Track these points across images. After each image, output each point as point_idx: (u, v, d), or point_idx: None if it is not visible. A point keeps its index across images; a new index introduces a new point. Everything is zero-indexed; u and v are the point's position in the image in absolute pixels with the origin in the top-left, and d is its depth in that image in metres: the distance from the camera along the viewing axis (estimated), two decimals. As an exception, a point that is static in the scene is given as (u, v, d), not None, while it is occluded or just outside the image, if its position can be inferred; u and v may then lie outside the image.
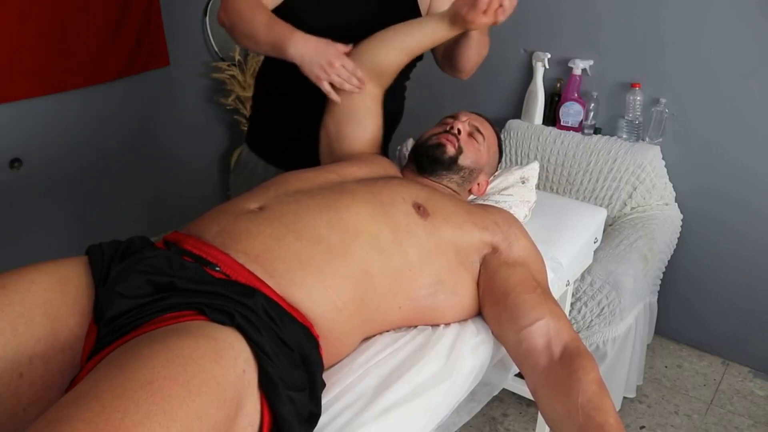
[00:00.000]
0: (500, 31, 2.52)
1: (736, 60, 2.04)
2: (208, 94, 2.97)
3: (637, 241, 2.01)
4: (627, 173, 2.17)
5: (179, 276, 0.89)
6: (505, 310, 1.08)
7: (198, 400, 0.69)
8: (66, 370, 0.86)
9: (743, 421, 2.05)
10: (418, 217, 1.12)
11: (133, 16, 2.49)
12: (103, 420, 0.63)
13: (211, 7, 2.86)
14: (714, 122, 2.13)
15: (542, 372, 1.00)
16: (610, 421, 0.90)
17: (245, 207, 1.06)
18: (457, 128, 1.33)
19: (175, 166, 2.91)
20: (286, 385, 0.82)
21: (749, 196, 2.13)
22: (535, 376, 1.01)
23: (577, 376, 0.95)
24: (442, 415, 1.04)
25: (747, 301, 2.23)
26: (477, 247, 1.17)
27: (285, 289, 0.94)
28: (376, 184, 1.17)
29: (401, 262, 1.07)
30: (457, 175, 1.33)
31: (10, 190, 2.30)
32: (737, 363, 2.31)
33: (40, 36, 2.21)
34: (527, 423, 2.03)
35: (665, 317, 2.33)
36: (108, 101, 2.54)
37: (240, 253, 0.95)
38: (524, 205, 1.45)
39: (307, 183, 1.16)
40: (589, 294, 1.86)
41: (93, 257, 0.95)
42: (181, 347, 0.73)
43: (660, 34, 2.15)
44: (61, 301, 0.88)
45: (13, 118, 2.25)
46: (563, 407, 0.94)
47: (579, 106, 2.29)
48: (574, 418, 0.92)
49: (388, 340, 1.07)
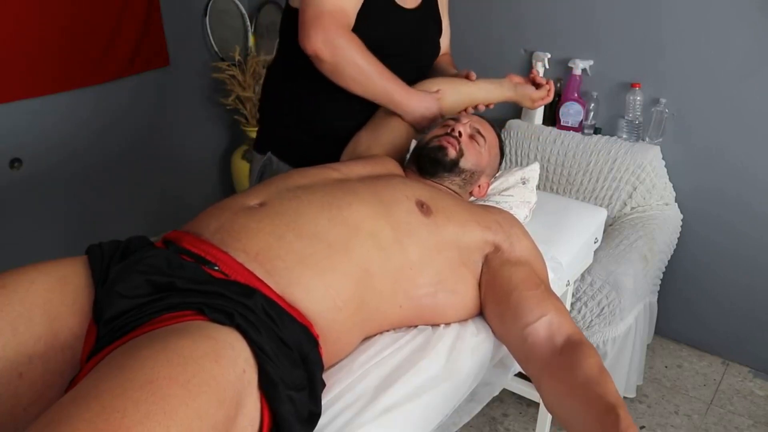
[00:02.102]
0: (500, 31, 2.53)
1: (736, 60, 2.04)
2: (208, 94, 2.97)
3: (637, 241, 2.01)
4: (627, 173, 2.17)
5: (178, 276, 0.89)
6: (508, 308, 1.08)
7: (198, 399, 0.69)
8: (66, 370, 0.86)
9: (743, 421, 2.05)
10: (421, 215, 1.12)
11: (133, 16, 2.49)
12: (103, 420, 0.63)
13: (211, 7, 2.86)
14: (714, 122, 2.13)
15: (545, 362, 1.00)
16: (610, 391, 0.89)
17: (245, 203, 1.05)
18: (458, 131, 1.33)
19: (175, 165, 2.91)
20: (285, 384, 0.82)
21: (749, 196, 2.13)
22: (539, 368, 1.01)
23: (578, 361, 0.95)
24: (442, 415, 1.04)
25: (747, 301, 2.23)
26: (479, 246, 1.17)
27: (284, 289, 0.94)
28: (379, 182, 1.17)
29: (402, 261, 1.07)
30: (458, 177, 1.33)
31: (10, 190, 2.30)
32: (737, 363, 2.31)
33: (40, 36, 2.21)
34: (527, 423, 2.03)
35: (665, 317, 2.33)
36: (108, 101, 2.54)
37: (239, 251, 0.95)
38: (525, 206, 1.45)
39: (309, 180, 1.16)
40: (589, 294, 1.86)
41: (92, 257, 0.95)
42: (180, 347, 0.73)
43: (660, 34, 2.15)
44: (61, 301, 0.88)
45: (13, 118, 2.25)
46: (564, 388, 0.94)
47: (579, 106, 2.29)
48: (574, 395, 0.92)
49: (388, 340, 1.07)
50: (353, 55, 1.35)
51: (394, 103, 1.42)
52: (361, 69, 1.36)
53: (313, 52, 1.33)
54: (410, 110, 1.43)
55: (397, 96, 1.41)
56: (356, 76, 1.37)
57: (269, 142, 1.60)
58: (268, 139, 1.61)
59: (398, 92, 1.41)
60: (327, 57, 1.33)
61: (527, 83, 1.57)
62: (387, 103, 1.43)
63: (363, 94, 1.40)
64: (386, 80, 1.40)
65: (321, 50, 1.33)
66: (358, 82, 1.38)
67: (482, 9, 2.51)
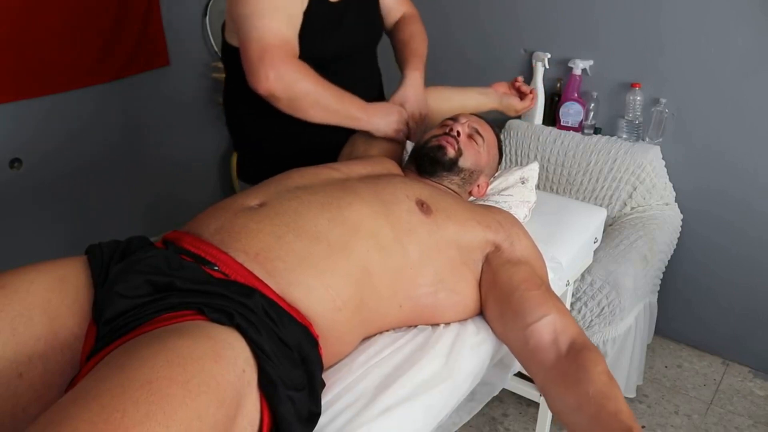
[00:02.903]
0: (500, 31, 2.53)
1: (736, 60, 2.04)
2: (208, 94, 2.97)
3: (637, 241, 2.01)
4: (627, 173, 2.17)
5: (178, 276, 0.89)
6: (510, 308, 1.08)
7: (198, 399, 0.69)
8: (65, 370, 0.86)
9: (743, 421, 2.05)
10: (421, 214, 1.12)
11: (133, 16, 2.49)
12: (103, 420, 0.63)
13: (211, 7, 2.85)
14: (714, 122, 2.13)
15: (551, 367, 1.00)
16: (623, 408, 0.90)
17: (245, 203, 1.05)
18: (457, 130, 1.33)
19: (175, 165, 2.90)
20: (285, 384, 0.82)
21: (749, 196, 2.13)
22: (544, 373, 1.01)
23: (586, 369, 0.95)
24: (442, 415, 1.04)
25: (747, 301, 2.23)
26: (480, 246, 1.17)
27: (284, 289, 0.94)
28: (380, 181, 1.17)
29: (402, 261, 1.07)
30: (457, 176, 1.33)
31: (10, 190, 2.30)
32: (737, 363, 2.31)
33: (40, 36, 2.21)
34: (527, 423, 2.03)
35: (665, 317, 2.33)
36: (108, 101, 2.54)
37: (239, 251, 0.95)
38: (524, 206, 1.45)
39: (309, 179, 1.16)
40: (589, 294, 1.86)
41: (92, 257, 0.95)
42: (180, 347, 0.73)
43: (660, 34, 2.15)
44: (61, 301, 0.88)
45: (13, 118, 2.25)
46: (574, 399, 0.94)
47: (579, 106, 2.29)
48: (585, 408, 0.92)
49: (388, 340, 1.07)
50: (307, 86, 1.31)
51: (359, 125, 1.40)
52: (317, 99, 1.33)
53: (266, 92, 1.29)
54: (375, 128, 1.41)
55: (359, 116, 1.39)
56: (314, 106, 1.33)
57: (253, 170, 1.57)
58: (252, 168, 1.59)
59: (359, 113, 1.39)
60: (281, 94, 1.29)
61: (511, 91, 1.63)
62: (351, 125, 1.40)
63: (325, 122, 1.37)
64: (345, 103, 1.37)
65: (274, 88, 1.28)
66: (317, 112, 1.35)
67: (482, 9, 2.52)
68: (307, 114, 1.35)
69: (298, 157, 1.37)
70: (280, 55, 1.27)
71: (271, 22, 1.27)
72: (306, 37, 1.35)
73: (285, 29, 1.30)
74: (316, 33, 1.38)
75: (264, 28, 1.27)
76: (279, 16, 1.29)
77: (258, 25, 1.27)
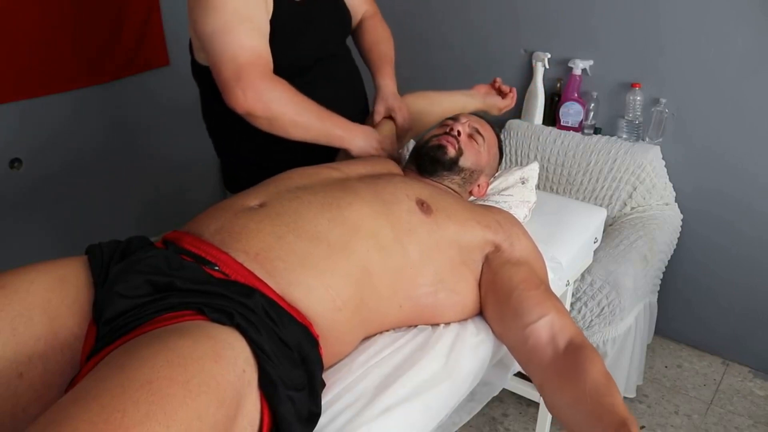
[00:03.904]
0: (500, 31, 2.53)
1: (736, 60, 2.04)
2: (208, 94, 2.97)
3: (637, 241, 2.01)
4: (627, 173, 2.17)
5: (178, 276, 0.89)
6: (509, 308, 1.08)
7: (198, 399, 0.69)
8: (65, 370, 0.86)
9: (743, 421, 2.05)
10: (422, 214, 1.12)
11: (133, 16, 2.49)
12: (103, 420, 0.63)
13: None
14: (714, 122, 2.13)
15: (548, 366, 1.00)
16: (619, 403, 0.90)
17: (245, 204, 1.05)
18: (457, 130, 1.33)
19: (175, 165, 2.90)
20: (285, 384, 0.82)
21: (749, 196, 2.13)
22: (542, 371, 1.01)
23: (583, 366, 0.95)
24: (442, 415, 1.04)
25: (747, 301, 2.23)
26: (480, 245, 1.17)
27: (284, 289, 0.94)
28: (380, 181, 1.17)
29: (402, 261, 1.07)
30: (458, 176, 1.33)
31: (10, 190, 2.30)
32: (737, 363, 2.31)
33: (40, 36, 2.21)
34: (527, 423, 2.03)
35: (665, 317, 2.33)
36: (108, 101, 2.53)
37: (239, 251, 0.95)
38: (524, 206, 1.45)
39: (310, 179, 1.16)
40: (589, 294, 1.86)
41: (92, 257, 0.95)
42: (180, 347, 0.73)
43: (660, 34, 2.15)
44: (61, 301, 0.88)
45: (13, 118, 2.24)
46: (571, 396, 0.94)
47: (579, 106, 2.29)
48: (582, 404, 0.92)
49: (388, 340, 1.07)
50: (286, 104, 1.27)
51: (340, 143, 1.37)
52: (297, 118, 1.29)
53: (244, 111, 1.25)
54: (356, 147, 1.38)
55: (341, 135, 1.36)
56: (294, 126, 1.30)
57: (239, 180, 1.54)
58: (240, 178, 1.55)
59: (341, 131, 1.36)
60: (260, 113, 1.26)
61: (492, 92, 1.68)
62: (332, 143, 1.37)
63: (305, 140, 1.33)
64: (326, 121, 1.33)
65: (253, 108, 1.24)
66: (297, 131, 1.31)
67: (482, 9, 2.52)
68: (288, 133, 1.31)
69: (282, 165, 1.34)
70: (256, 73, 1.23)
71: (241, 37, 1.23)
72: (278, 42, 1.31)
73: (256, 42, 1.25)
74: (287, 36, 1.34)
75: (235, 45, 1.22)
76: (246, 28, 1.24)
77: (228, 42, 1.22)
